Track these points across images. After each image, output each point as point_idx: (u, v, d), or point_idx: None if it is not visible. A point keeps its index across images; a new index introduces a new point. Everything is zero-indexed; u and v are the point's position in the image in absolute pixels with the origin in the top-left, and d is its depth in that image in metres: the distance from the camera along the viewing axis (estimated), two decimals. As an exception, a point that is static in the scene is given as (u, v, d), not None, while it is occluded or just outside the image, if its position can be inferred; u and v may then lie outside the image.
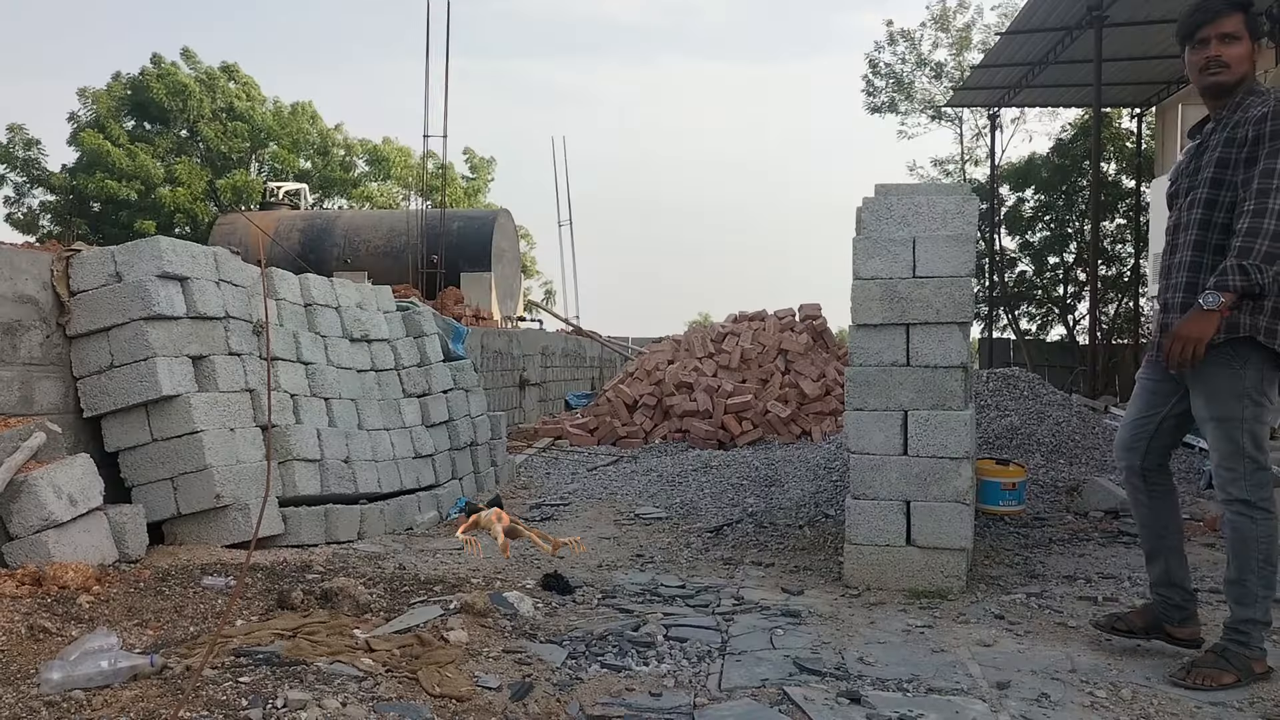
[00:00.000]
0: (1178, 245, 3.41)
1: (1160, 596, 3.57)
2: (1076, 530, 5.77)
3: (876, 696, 3.10)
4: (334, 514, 5.53)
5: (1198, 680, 3.18)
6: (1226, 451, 3.26)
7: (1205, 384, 3.28)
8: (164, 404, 4.98)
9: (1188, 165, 3.45)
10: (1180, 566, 3.55)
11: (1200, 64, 3.34)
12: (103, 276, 5.06)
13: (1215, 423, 3.27)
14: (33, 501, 4.19)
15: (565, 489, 7.83)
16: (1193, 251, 3.34)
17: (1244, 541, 3.26)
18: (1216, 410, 3.27)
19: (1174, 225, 3.46)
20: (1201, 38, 3.33)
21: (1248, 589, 3.26)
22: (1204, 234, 3.32)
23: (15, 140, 27.17)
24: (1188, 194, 3.40)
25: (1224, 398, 3.25)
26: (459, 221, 18.60)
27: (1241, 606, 3.28)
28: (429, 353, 7.45)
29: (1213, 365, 3.23)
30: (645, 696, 3.07)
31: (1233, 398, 3.24)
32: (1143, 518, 3.60)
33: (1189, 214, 3.37)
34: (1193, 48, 3.37)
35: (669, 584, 4.57)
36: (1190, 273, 3.34)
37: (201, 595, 4.06)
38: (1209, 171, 3.31)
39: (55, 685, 2.81)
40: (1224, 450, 3.26)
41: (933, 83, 27.78)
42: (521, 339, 13.90)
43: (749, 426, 10.65)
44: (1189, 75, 3.45)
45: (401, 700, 2.85)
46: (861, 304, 4.62)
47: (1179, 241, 3.41)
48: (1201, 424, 3.35)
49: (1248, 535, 3.25)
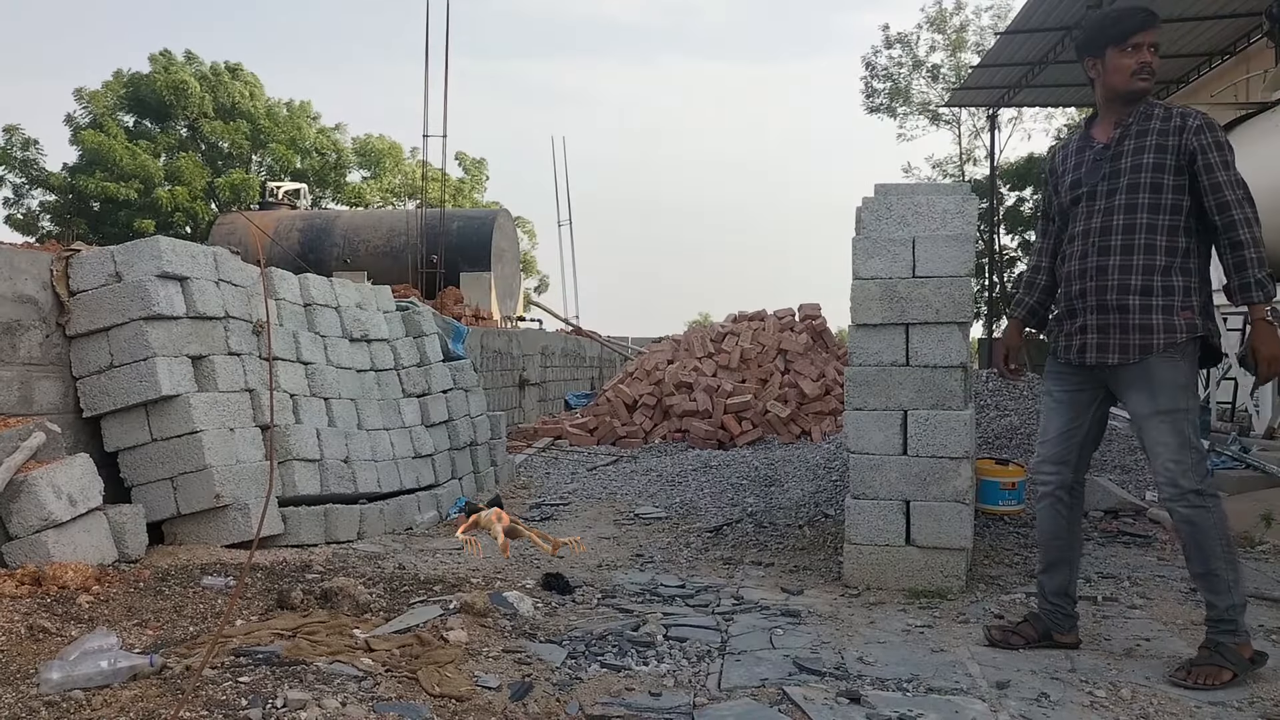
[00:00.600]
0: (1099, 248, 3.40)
1: (1055, 606, 3.61)
2: (1076, 530, 5.76)
3: (876, 696, 3.10)
4: (334, 514, 5.53)
5: (1199, 680, 3.19)
6: (1176, 444, 3.29)
7: (1151, 381, 3.33)
8: (164, 404, 4.98)
9: (1093, 171, 3.44)
10: (1075, 576, 3.67)
11: (1134, 68, 3.36)
12: (102, 276, 5.06)
13: (1162, 416, 3.31)
14: (32, 501, 4.19)
15: (565, 489, 7.83)
16: (1143, 256, 3.35)
17: (1204, 532, 3.29)
18: (1165, 404, 3.31)
19: (1087, 229, 3.43)
20: (1136, 43, 3.36)
21: (1219, 578, 3.29)
22: (1152, 238, 3.34)
23: (13, 141, 27.15)
24: (1108, 197, 3.40)
25: (1170, 392, 3.31)
26: (459, 221, 18.60)
27: (1218, 596, 3.30)
28: (429, 353, 7.45)
29: (1160, 362, 3.31)
30: (645, 696, 3.07)
31: (1178, 390, 3.31)
32: (1058, 530, 3.60)
33: (1112, 217, 3.38)
34: (1123, 51, 3.37)
35: (669, 584, 4.57)
36: (1126, 274, 3.36)
37: (201, 595, 4.06)
38: (1145, 175, 3.34)
39: (55, 685, 2.81)
40: (1173, 443, 3.29)
41: (930, 85, 27.79)
42: (521, 339, 13.91)
43: (748, 426, 10.65)
44: (1109, 79, 3.40)
45: (401, 700, 2.85)
46: (861, 304, 4.63)
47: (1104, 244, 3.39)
48: (1143, 420, 3.36)
49: (1206, 525, 3.28)
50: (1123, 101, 3.42)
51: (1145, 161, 3.34)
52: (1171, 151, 3.31)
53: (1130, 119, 3.40)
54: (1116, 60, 3.38)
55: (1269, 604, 4.25)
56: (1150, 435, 3.34)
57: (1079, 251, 3.46)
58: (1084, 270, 3.44)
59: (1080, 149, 3.53)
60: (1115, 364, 3.38)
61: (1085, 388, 3.53)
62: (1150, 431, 3.33)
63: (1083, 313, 3.46)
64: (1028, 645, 3.58)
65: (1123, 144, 3.40)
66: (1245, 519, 5.81)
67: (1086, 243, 3.44)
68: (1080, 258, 3.46)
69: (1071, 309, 3.51)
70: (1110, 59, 3.40)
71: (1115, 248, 3.37)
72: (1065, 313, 3.55)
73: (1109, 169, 3.41)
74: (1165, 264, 3.34)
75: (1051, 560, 3.63)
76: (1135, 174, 3.35)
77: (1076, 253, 3.47)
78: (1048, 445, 3.61)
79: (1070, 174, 3.53)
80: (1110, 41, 3.40)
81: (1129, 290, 3.35)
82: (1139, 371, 3.35)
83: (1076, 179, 3.49)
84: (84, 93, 27.62)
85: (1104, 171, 3.42)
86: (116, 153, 26.21)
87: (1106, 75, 3.42)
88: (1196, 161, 3.30)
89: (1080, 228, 3.47)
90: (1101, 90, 3.48)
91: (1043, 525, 3.65)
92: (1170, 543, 5.51)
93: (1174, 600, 4.32)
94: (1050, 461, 3.59)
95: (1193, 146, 3.29)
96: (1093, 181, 3.44)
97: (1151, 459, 3.36)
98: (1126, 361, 3.36)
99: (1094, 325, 3.43)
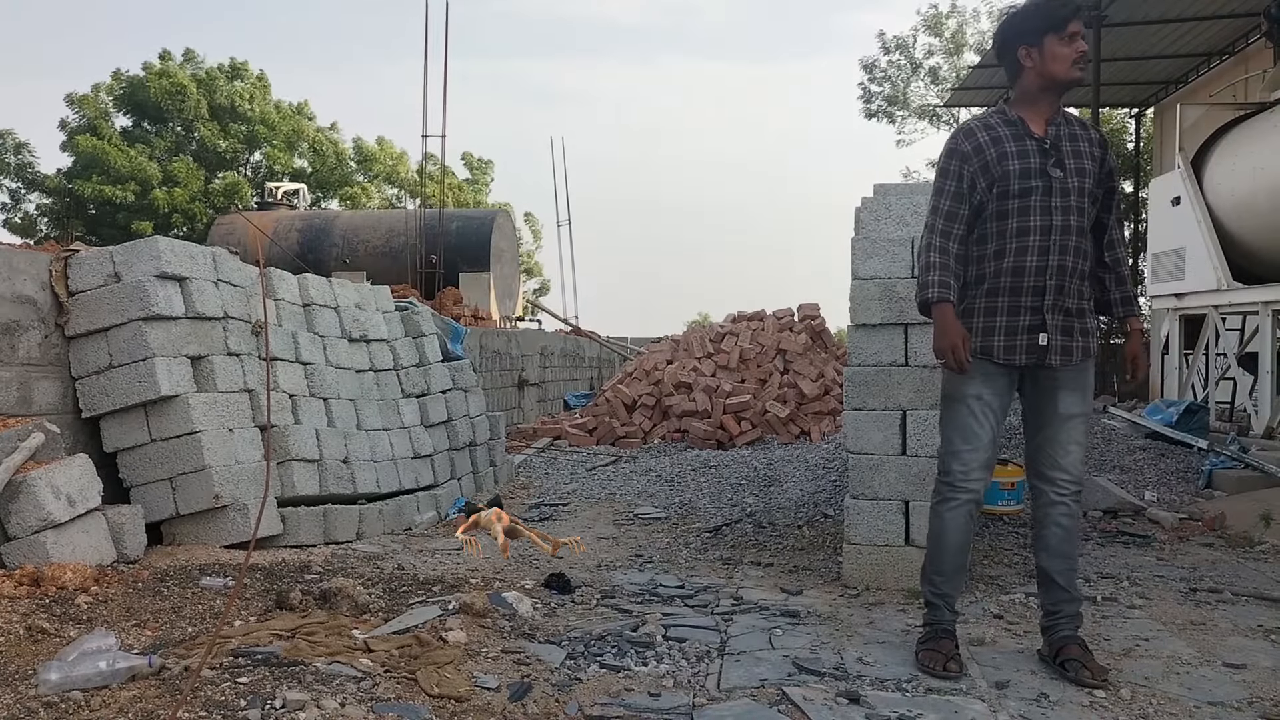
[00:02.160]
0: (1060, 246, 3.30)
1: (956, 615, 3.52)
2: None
3: (875, 696, 3.10)
4: (333, 514, 5.53)
5: (1103, 676, 3.21)
6: (1087, 443, 3.53)
7: (1083, 384, 3.45)
8: (163, 404, 4.98)
9: (1043, 164, 3.32)
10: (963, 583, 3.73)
11: (1073, 57, 3.29)
12: (101, 277, 5.06)
13: (1083, 418, 3.46)
14: (31, 502, 4.18)
15: (564, 489, 7.83)
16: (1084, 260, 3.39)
17: (1077, 524, 3.49)
18: (1088, 406, 3.48)
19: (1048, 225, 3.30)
20: (1074, 31, 3.29)
21: (1077, 572, 3.52)
22: (1083, 241, 3.38)
23: (5, 145, 27.11)
24: (1063, 195, 3.31)
25: (1089, 395, 3.49)
26: (458, 221, 18.60)
27: (1077, 590, 3.47)
28: (428, 353, 7.45)
29: (1089, 365, 3.46)
30: (644, 697, 3.06)
31: (1091, 393, 3.51)
32: (968, 539, 3.49)
33: (1069, 217, 3.31)
34: (1062, 39, 3.28)
35: (668, 584, 4.57)
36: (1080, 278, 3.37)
37: (200, 595, 4.06)
38: (1087, 181, 3.34)
39: (53, 686, 2.81)
40: (1085, 442, 3.48)
41: (928, 88, 27.79)
42: (520, 339, 13.91)
43: (748, 426, 10.65)
44: (1048, 67, 3.31)
45: (400, 701, 2.85)
46: (860, 304, 4.63)
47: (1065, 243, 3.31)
48: (1070, 419, 3.40)
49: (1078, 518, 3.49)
50: (1057, 93, 3.37)
51: (1085, 167, 3.35)
52: (1097, 162, 3.38)
53: (1059, 117, 3.39)
54: (1056, 48, 3.29)
55: (1268, 604, 4.25)
56: (1071, 433, 3.42)
57: (1037, 247, 3.30)
58: (1044, 267, 3.30)
59: (1018, 136, 3.35)
60: (1060, 364, 3.37)
61: (1010, 390, 3.46)
62: (1073, 430, 3.42)
63: (1040, 311, 3.32)
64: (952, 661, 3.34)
65: (1061, 144, 3.34)
66: (1244, 519, 5.82)
67: (1048, 239, 3.29)
68: (1039, 253, 3.29)
69: (1018, 306, 3.34)
70: (1049, 47, 3.29)
71: (1073, 248, 3.32)
72: (1008, 309, 3.35)
73: (1041, 165, 3.31)
74: (1090, 269, 3.46)
75: (955, 568, 3.48)
76: (1080, 178, 3.33)
77: (1034, 247, 3.30)
78: (980, 451, 3.39)
79: (1014, 161, 3.32)
80: (1050, 29, 3.30)
81: (1082, 294, 3.41)
82: (1078, 373, 3.42)
83: (1026, 167, 3.31)
84: (74, 97, 27.56)
85: (1045, 165, 3.32)
86: (111, 156, 26.20)
87: (1045, 64, 3.30)
88: (1111, 182, 3.45)
89: (1038, 222, 3.30)
90: (1036, 80, 3.35)
91: (954, 535, 3.44)
92: (1170, 543, 5.52)
93: (1173, 600, 4.32)
94: (982, 468, 3.42)
95: (1110, 167, 3.44)
96: (1047, 176, 3.31)
97: (1062, 454, 3.40)
98: (1070, 362, 3.39)
99: (1058, 326, 3.35)
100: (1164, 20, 14.60)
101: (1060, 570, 3.41)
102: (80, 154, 26.67)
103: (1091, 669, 3.22)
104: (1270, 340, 10.24)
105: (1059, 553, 3.41)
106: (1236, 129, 11.43)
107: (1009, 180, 3.32)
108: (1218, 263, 11.09)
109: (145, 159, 27.02)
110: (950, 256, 3.38)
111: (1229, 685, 3.23)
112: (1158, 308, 13.76)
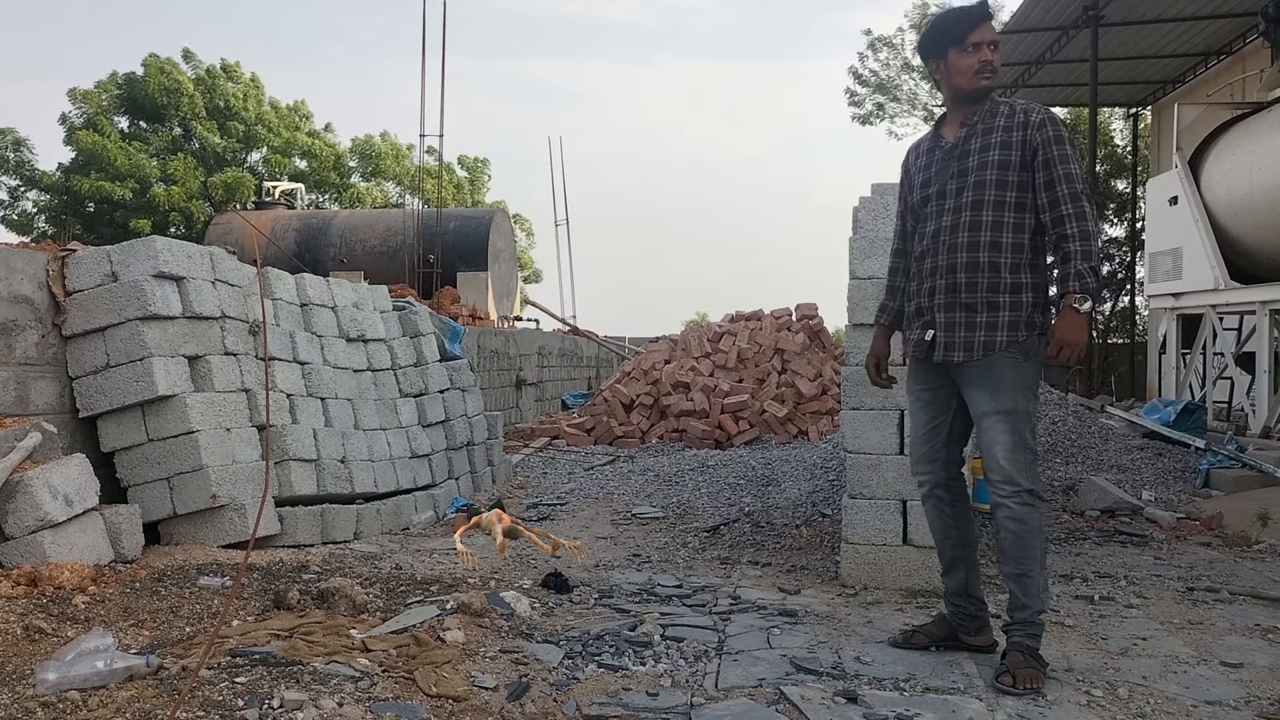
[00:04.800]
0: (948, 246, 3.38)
1: (956, 607, 3.57)
2: (1073, 529, 5.77)
3: (873, 696, 3.10)
4: (330, 514, 5.52)
5: (1026, 684, 3.13)
6: (1012, 444, 3.29)
7: (993, 379, 3.34)
8: (160, 404, 4.97)
9: (942, 170, 3.44)
10: (976, 577, 3.58)
11: (975, 67, 3.36)
12: (99, 276, 5.06)
13: (1000, 416, 3.31)
14: (28, 502, 4.18)
15: (562, 489, 7.83)
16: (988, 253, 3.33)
17: (1031, 532, 3.29)
18: (1004, 404, 3.31)
19: (937, 229, 3.42)
20: (975, 41, 3.37)
21: (1033, 580, 3.29)
22: (998, 235, 3.33)
23: (4, 142, 27.06)
24: (956, 195, 3.39)
25: (1010, 391, 3.31)
26: (455, 221, 18.57)
27: (1030, 598, 3.29)
28: (425, 352, 7.44)
29: (1002, 360, 3.31)
30: (642, 696, 3.06)
31: (1018, 390, 3.32)
32: (946, 529, 3.57)
33: (960, 216, 3.37)
34: (963, 51, 3.38)
35: (666, 584, 4.57)
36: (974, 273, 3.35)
37: (198, 595, 4.06)
38: (990, 173, 3.34)
39: (51, 686, 2.81)
40: (1009, 443, 3.30)
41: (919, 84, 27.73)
42: (518, 338, 13.90)
43: (745, 426, 10.65)
44: (953, 80, 3.42)
45: (398, 700, 2.85)
46: (858, 303, 4.63)
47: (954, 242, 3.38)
48: (981, 417, 3.37)
49: (1034, 525, 3.29)
50: (968, 101, 3.43)
51: (991, 159, 3.34)
52: (1016, 147, 3.31)
53: (976, 117, 3.41)
54: (958, 61, 3.39)
55: (1266, 603, 4.26)
56: (987, 433, 3.34)
57: (929, 250, 3.45)
58: (934, 268, 3.42)
59: (930, 149, 3.52)
60: (960, 361, 3.38)
61: (944, 384, 3.50)
62: (988, 430, 3.34)
63: (930, 310, 3.45)
64: (932, 645, 3.55)
65: (970, 142, 3.40)
66: (1242, 518, 5.83)
67: (936, 242, 3.42)
68: (930, 256, 3.44)
69: (920, 307, 3.49)
70: (952, 60, 3.40)
71: (962, 245, 3.36)
72: (915, 311, 3.53)
73: (956, 168, 3.41)
74: (1012, 262, 3.33)
75: (948, 561, 3.58)
76: (982, 171, 3.35)
77: (927, 251, 3.46)
78: (917, 444, 3.58)
79: (921, 173, 3.53)
80: (950, 43, 3.40)
81: (976, 289, 3.35)
82: (983, 369, 3.35)
83: (926, 178, 3.49)
84: (78, 93, 27.55)
85: (952, 170, 3.42)
86: (111, 153, 26.15)
87: (951, 77, 3.42)
88: (1038, 156, 3.30)
89: (930, 227, 3.45)
90: (948, 91, 3.49)
91: (932, 526, 3.62)
92: (1167, 542, 5.53)
93: (1171, 599, 4.32)
94: (923, 461, 3.56)
95: (1035, 141, 3.30)
96: (941, 181, 3.44)
97: (986, 455, 3.36)
98: (971, 359, 3.36)
99: (942, 323, 3.41)
100: (1161, 20, 14.60)
101: (1008, 574, 3.35)
102: (80, 150, 26.62)
103: (1016, 676, 3.14)
104: (1267, 339, 10.25)
105: (1007, 556, 3.34)
106: (1234, 128, 11.45)
107: (914, 194, 3.58)
108: (1215, 262, 11.10)
109: (144, 156, 26.98)
110: (898, 274, 3.70)
111: (1226, 684, 3.23)
112: (1155, 307, 13.77)
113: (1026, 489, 3.28)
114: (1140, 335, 21.28)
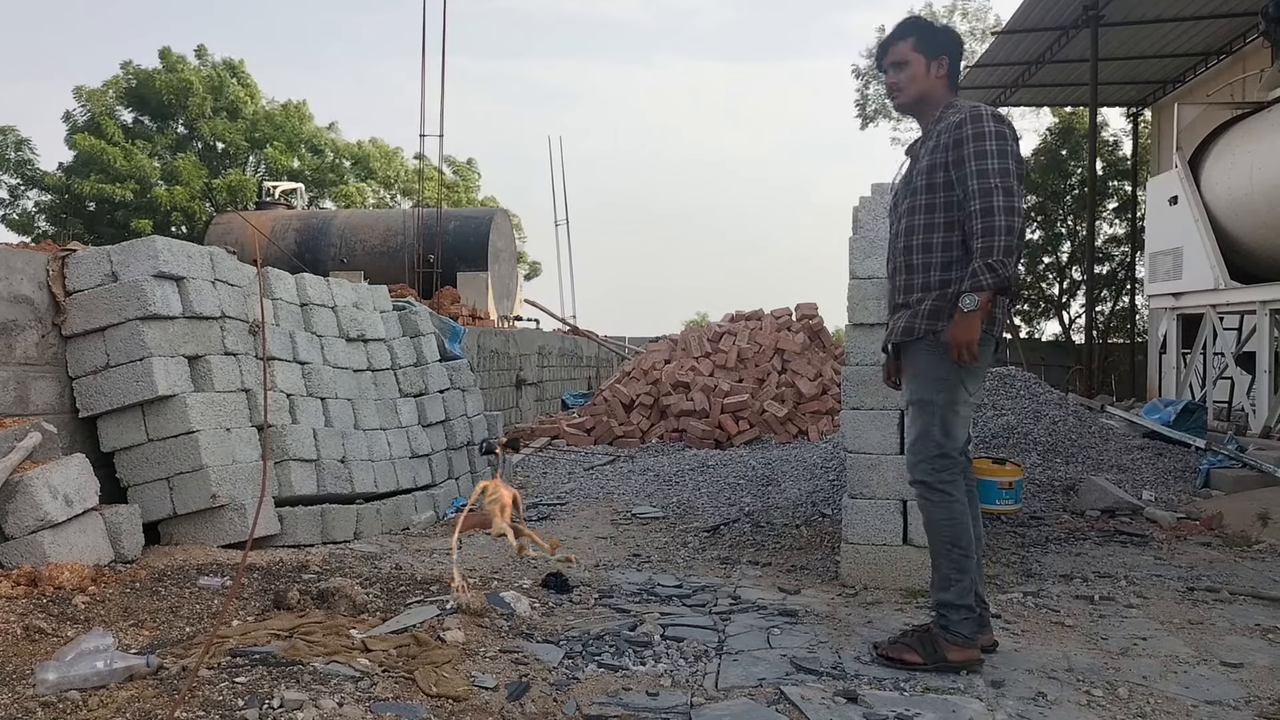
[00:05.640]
0: (899, 249, 3.53)
1: None
2: (1073, 529, 5.77)
3: (873, 696, 3.10)
4: (330, 514, 5.52)
5: (885, 652, 3.30)
6: (916, 434, 3.40)
7: (912, 369, 3.47)
8: (160, 404, 4.97)
9: (903, 179, 3.62)
10: (979, 577, 3.56)
11: (886, 91, 3.67)
12: (99, 276, 5.06)
13: (912, 406, 3.45)
14: (28, 502, 4.18)
15: (562, 489, 7.83)
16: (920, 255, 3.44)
17: (929, 523, 3.42)
18: (916, 394, 3.43)
19: (892, 235, 3.60)
20: (884, 68, 3.60)
21: (940, 572, 3.39)
22: (929, 236, 3.42)
23: (6, 141, 27.05)
24: (908, 199, 3.51)
25: (924, 382, 3.40)
26: (455, 221, 18.57)
27: (933, 588, 3.43)
28: (425, 352, 7.44)
29: (921, 352, 3.40)
30: (642, 696, 3.06)
31: (931, 383, 3.38)
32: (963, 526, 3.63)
33: (907, 221, 3.50)
34: (885, 75, 3.63)
35: (666, 584, 4.57)
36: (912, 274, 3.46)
37: (198, 595, 4.06)
38: (921, 179, 3.45)
39: (51, 686, 2.81)
40: (914, 433, 3.42)
41: None
42: (518, 338, 13.90)
43: (746, 426, 10.65)
44: None
45: (398, 700, 2.85)
46: (858, 303, 4.63)
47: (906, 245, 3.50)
48: (904, 405, 3.51)
49: (930, 518, 3.40)
50: (905, 115, 3.70)
51: (923, 166, 3.45)
52: (940, 150, 3.39)
53: (930, 125, 3.52)
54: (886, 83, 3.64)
55: (1266, 603, 4.26)
56: (907, 421, 3.49)
57: (888, 257, 3.65)
58: (893, 272, 3.59)
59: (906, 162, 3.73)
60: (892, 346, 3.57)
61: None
62: (908, 418, 3.49)
63: (889, 310, 3.66)
64: None
65: (920, 150, 3.54)
66: (1242, 518, 5.83)
67: (894, 248, 3.59)
68: (889, 261, 3.63)
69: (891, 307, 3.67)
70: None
71: (900, 250, 3.52)
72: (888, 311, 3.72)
73: (907, 175, 3.58)
74: (942, 260, 3.38)
75: None
76: (919, 178, 3.47)
77: (888, 257, 3.65)
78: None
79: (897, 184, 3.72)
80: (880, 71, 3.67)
81: (911, 289, 3.46)
82: (907, 359, 3.49)
83: (896, 188, 3.69)
84: (84, 91, 27.53)
85: (906, 178, 3.58)
86: (110, 155, 26.15)
87: None
88: (949, 155, 3.34)
89: (890, 234, 3.64)
90: None
91: None
92: (1168, 542, 5.53)
93: (1171, 599, 4.32)
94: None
95: (948, 142, 3.35)
96: (899, 189, 3.63)
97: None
98: (891, 340, 3.54)
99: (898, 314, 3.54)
100: (1161, 20, 14.61)
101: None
102: (80, 151, 26.62)
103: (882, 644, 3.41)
104: (1268, 339, 10.26)
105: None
106: (1234, 128, 11.45)
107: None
108: (1215, 262, 11.11)
109: (145, 156, 26.96)
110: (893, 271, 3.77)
111: (1226, 684, 3.23)
112: (1155, 307, 13.77)
113: (920, 481, 3.40)
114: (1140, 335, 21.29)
